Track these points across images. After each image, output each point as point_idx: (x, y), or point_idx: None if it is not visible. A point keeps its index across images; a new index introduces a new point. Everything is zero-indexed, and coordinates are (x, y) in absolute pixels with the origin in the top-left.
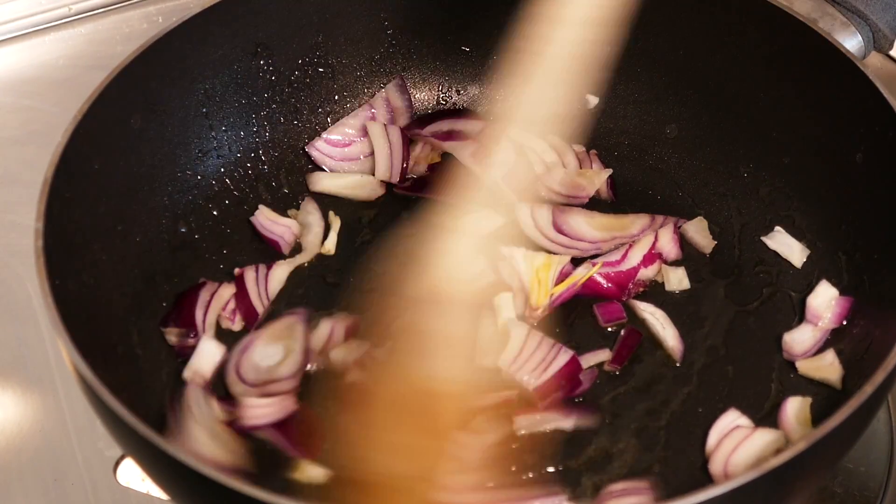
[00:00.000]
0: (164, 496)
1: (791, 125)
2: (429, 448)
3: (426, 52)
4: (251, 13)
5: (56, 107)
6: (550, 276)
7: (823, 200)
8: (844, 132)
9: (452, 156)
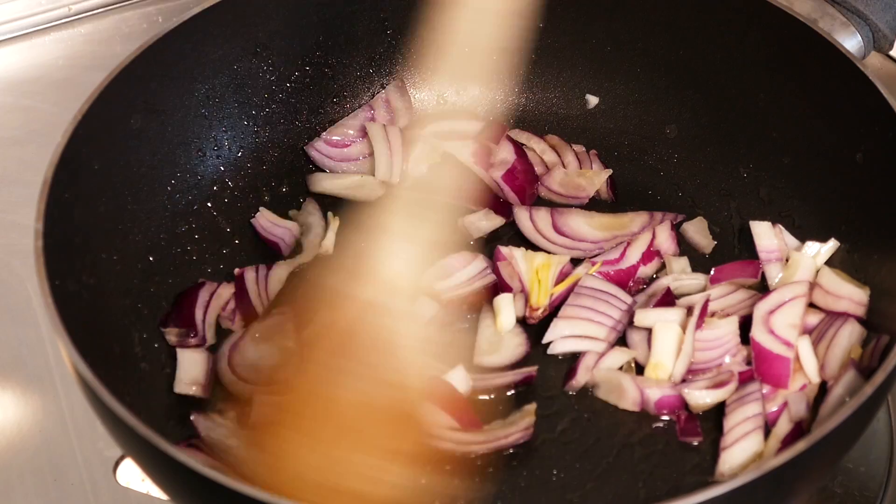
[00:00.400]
0: (164, 496)
1: (791, 125)
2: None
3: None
4: (251, 13)
5: (56, 107)
6: (550, 276)
7: (823, 200)
8: (844, 132)
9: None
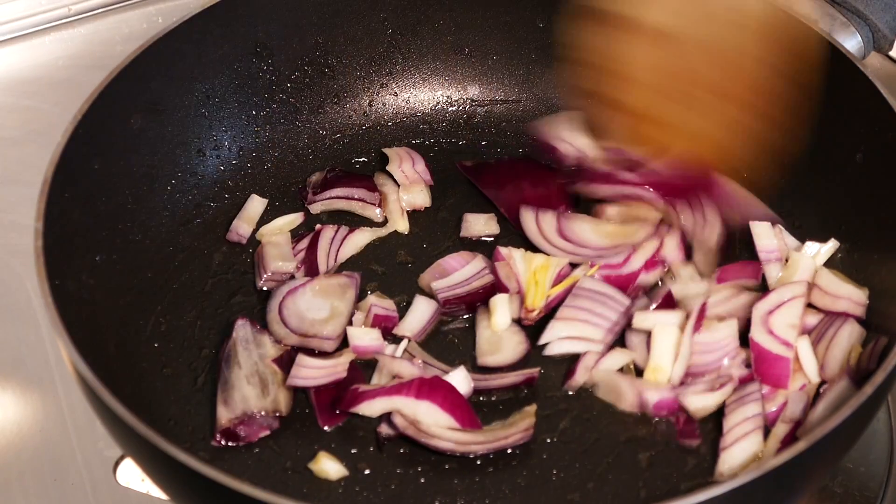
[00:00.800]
0: (164, 496)
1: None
2: None
3: (426, 52)
4: (251, 13)
5: (56, 107)
6: (548, 278)
7: (823, 200)
8: (844, 132)
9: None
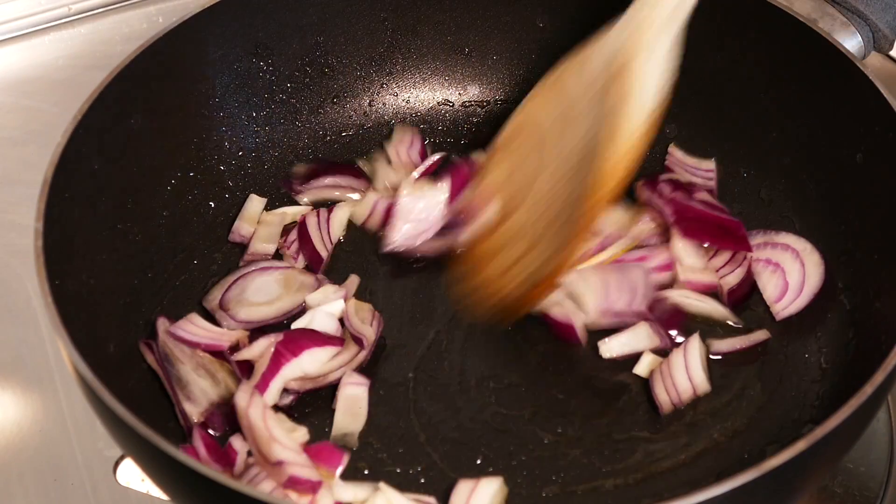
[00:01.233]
0: (164, 496)
1: (791, 125)
2: None
3: (426, 52)
4: (251, 13)
5: (56, 107)
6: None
7: (823, 200)
8: (844, 132)
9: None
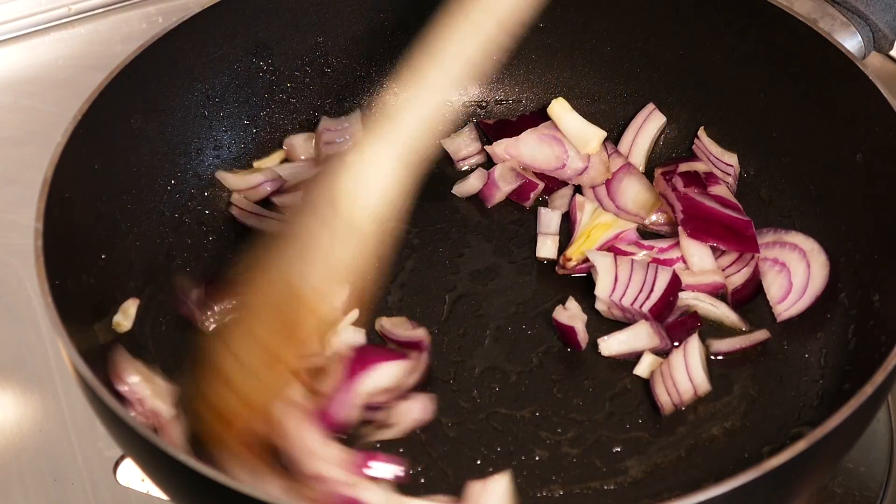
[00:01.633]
0: (164, 496)
1: (791, 125)
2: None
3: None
4: (251, 13)
5: (56, 107)
6: (602, 238)
7: (823, 200)
8: (844, 132)
9: None
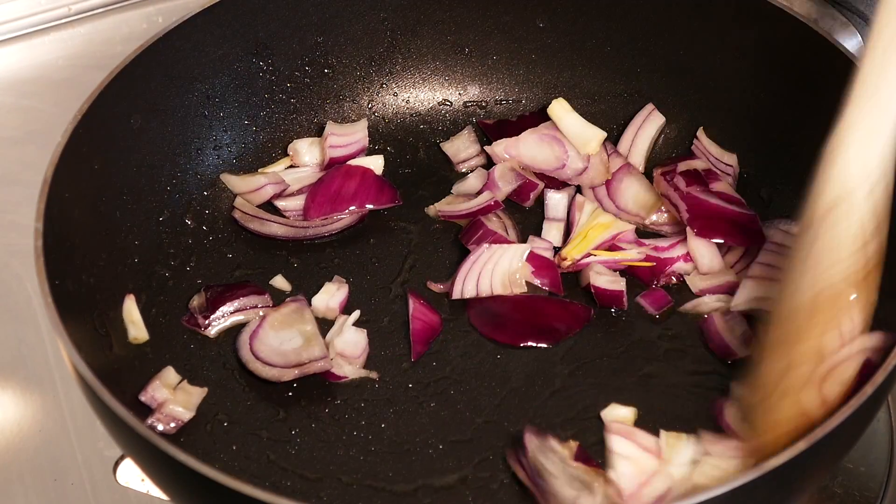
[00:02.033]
0: (164, 496)
1: (791, 125)
2: None
3: (426, 52)
4: (251, 13)
5: (56, 107)
6: (600, 237)
7: None
8: None
9: None
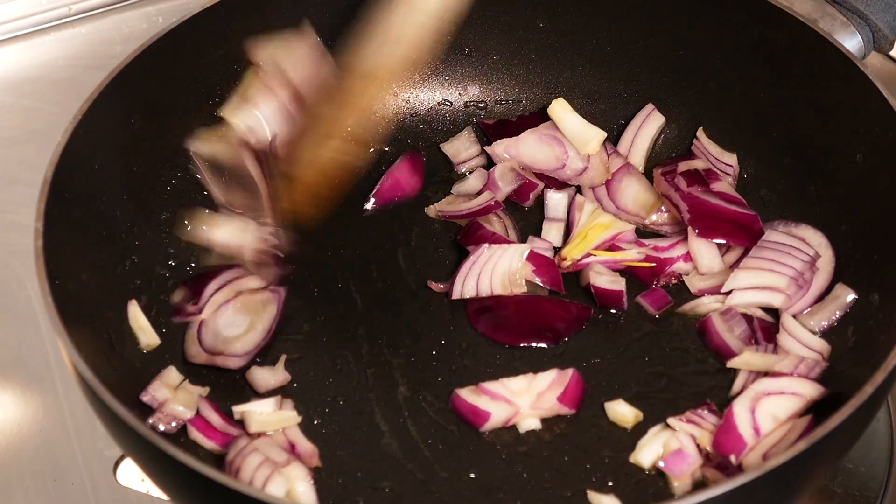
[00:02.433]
0: (164, 496)
1: (791, 125)
2: None
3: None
4: (251, 13)
5: (56, 107)
6: (599, 238)
7: (823, 201)
8: (844, 132)
9: None
